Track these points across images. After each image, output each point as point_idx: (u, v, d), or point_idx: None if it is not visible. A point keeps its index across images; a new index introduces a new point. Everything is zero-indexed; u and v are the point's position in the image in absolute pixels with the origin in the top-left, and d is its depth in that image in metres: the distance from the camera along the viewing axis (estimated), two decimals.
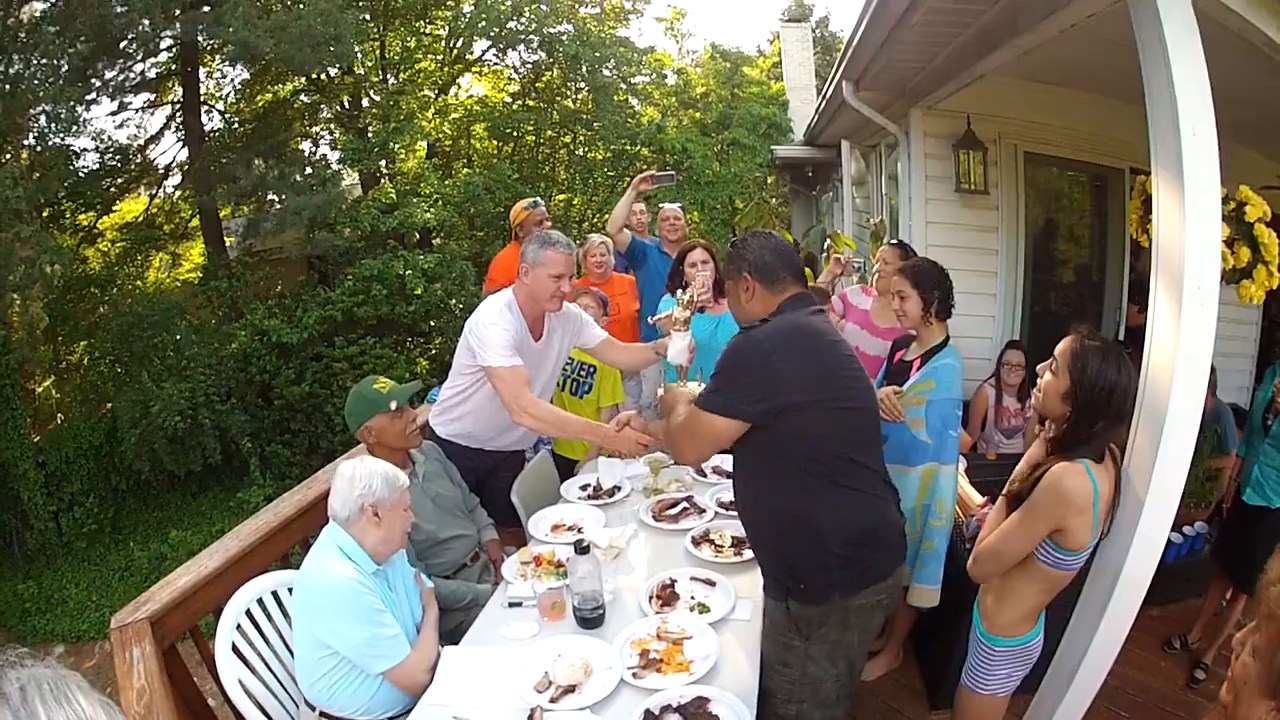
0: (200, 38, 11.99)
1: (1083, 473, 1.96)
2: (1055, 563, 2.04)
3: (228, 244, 13.99)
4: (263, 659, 2.37)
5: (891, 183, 6.38)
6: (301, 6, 11.99)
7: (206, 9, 11.49)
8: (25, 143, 11.74)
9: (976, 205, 5.27)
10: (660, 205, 5.26)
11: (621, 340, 3.97)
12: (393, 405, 2.78)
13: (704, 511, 2.98)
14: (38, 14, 10.60)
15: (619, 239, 4.74)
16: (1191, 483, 4.36)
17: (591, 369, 3.77)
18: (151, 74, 13.21)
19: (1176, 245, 2.21)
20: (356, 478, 2.26)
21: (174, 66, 13.30)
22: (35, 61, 10.72)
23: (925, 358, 3.02)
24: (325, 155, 14.52)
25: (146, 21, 11.24)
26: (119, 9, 10.86)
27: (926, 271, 3.05)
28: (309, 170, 13.29)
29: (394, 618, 2.25)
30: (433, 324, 13.04)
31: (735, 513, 2.82)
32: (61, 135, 11.98)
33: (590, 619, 2.30)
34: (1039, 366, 2.14)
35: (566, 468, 3.77)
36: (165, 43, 12.53)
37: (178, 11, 11.33)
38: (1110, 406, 1.98)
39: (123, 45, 11.82)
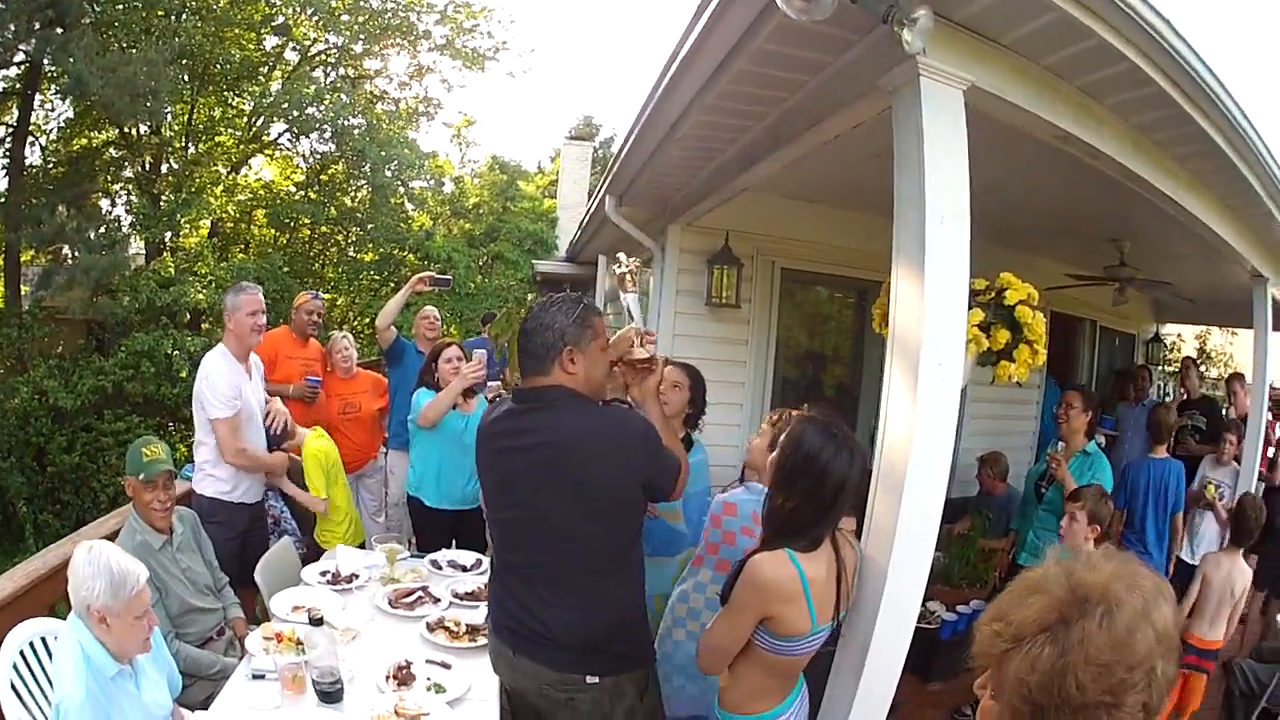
0: (46, 60, 11.55)
1: (783, 561, 1.92)
2: (774, 648, 1.98)
3: (24, 292, 13.11)
4: (43, 702, 2.32)
5: (644, 298, 6.31)
6: (133, 52, 11.73)
7: (59, 31, 11.08)
8: None
9: (727, 319, 5.48)
10: (423, 306, 5.48)
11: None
12: (140, 476, 2.84)
13: (439, 600, 3.08)
14: None
15: (384, 335, 4.83)
16: (963, 567, 4.76)
17: None
18: None
19: (913, 323, 2.26)
20: (81, 574, 2.07)
21: (18, 86, 12.69)
22: None
23: None
24: (119, 216, 14.05)
25: (12, 27, 10.87)
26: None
27: (695, 375, 3.36)
28: (103, 229, 12.78)
29: None
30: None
31: (469, 603, 3.03)
32: None
33: (330, 693, 2.32)
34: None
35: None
36: (18, 56, 12.00)
37: (38, 26, 10.95)
38: (810, 473, 1.96)
39: None
